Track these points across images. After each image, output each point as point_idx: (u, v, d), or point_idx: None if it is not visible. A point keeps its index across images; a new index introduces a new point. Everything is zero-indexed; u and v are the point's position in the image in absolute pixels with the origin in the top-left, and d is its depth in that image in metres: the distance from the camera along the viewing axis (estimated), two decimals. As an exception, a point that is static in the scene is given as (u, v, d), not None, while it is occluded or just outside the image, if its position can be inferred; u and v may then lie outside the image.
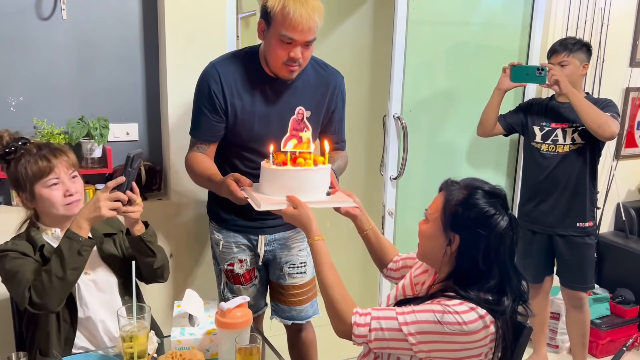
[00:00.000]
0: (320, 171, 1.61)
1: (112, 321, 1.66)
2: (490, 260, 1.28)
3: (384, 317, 1.28)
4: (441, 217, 1.32)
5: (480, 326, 1.23)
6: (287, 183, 1.57)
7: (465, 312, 1.23)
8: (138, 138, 2.34)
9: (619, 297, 3.08)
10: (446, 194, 1.33)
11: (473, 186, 1.32)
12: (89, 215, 1.53)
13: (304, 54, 1.73)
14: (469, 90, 2.87)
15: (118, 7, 2.21)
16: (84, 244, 1.51)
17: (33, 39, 2.11)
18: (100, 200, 1.52)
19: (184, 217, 2.34)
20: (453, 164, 2.94)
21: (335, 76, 1.95)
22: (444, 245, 1.31)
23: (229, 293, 2.04)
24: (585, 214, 2.53)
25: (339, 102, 1.97)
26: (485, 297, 1.27)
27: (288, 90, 1.84)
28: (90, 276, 1.66)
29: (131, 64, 2.28)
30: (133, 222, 1.62)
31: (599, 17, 2.96)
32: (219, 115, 1.82)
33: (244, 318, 1.43)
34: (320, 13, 1.70)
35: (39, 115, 2.12)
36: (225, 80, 1.80)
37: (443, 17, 2.75)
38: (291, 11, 1.65)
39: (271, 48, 1.74)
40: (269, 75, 1.82)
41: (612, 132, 2.33)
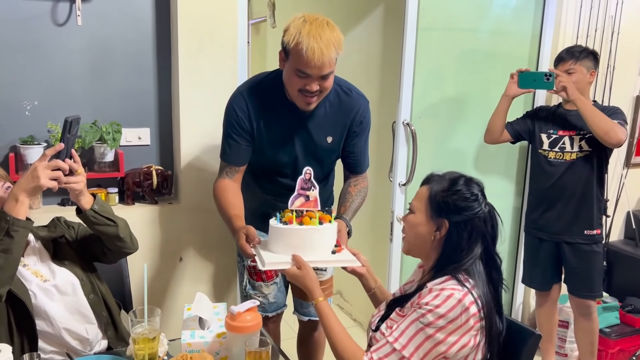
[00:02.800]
0: (325, 230, 1.63)
1: (80, 323, 1.62)
2: (474, 241, 1.38)
3: (385, 355, 1.33)
4: (428, 206, 1.41)
5: (459, 311, 1.28)
6: (292, 241, 1.60)
7: (442, 304, 1.29)
8: (150, 142, 2.37)
9: (629, 305, 3.06)
10: (431, 185, 1.44)
11: (455, 175, 1.45)
12: (27, 186, 1.39)
13: (321, 85, 1.75)
14: (478, 97, 2.88)
15: (131, 13, 2.25)
16: (13, 223, 1.37)
17: (48, 45, 2.14)
18: (38, 169, 1.38)
19: (194, 221, 2.37)
20: (462, 170, 2.85)
21: (359, 101, 1.94)
22: (432, 232, 1.41)
23: (251, 290, 2.08)
24: (593, 222, 2.52)
25: (359, 126, 1.96)
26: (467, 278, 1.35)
27: (310, 117, 1.87)
28: (50, 282, 1.60)
29: (144, 70, 2.31)
30: (78, 195, 1.52)
31: (610, 25, 2.96)
32: (246, 140, 1.88)
33: (253, 322, 1.44)
34: (337, 44, 1.70)
35: (53, 119, 2.15)
36: (251, 106, 1.85)
37: (453, 24, 2.76)
38: (304, 47, 1.65)
39: (289, 79, 1.77)
40: (291, 102, 1.84)
41: (619, 139, 2.32)
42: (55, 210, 2.17)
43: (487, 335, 1.33)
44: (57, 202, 2.25)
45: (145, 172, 2.29)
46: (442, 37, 2.75)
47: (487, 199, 1.43)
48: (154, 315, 1.45)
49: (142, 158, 2.35)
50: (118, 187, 2.30)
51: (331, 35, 1.69)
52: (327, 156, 1.98)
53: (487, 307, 1.33)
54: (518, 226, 3.13)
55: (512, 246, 3.18)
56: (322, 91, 1.77)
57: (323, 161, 1.96)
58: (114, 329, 1.71)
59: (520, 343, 1.40)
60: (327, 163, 2.01)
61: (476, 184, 1.43)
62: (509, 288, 3.24)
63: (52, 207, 2.22)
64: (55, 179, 1.42)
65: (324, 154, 1.95)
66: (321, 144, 1.92)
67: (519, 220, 3.11)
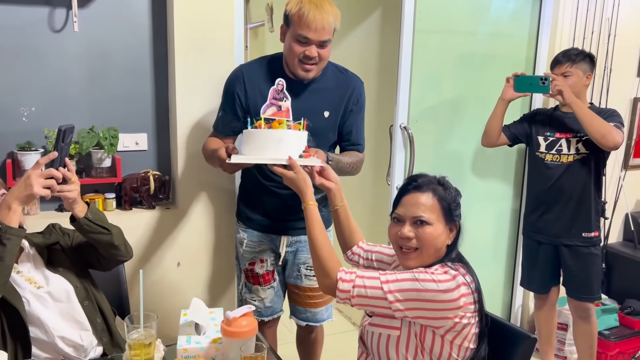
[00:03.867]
0: (292, 134, 1.66)
1: (74, 330, 1.62)
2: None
3: (368, 277, 1.37)
4: (442, 214, 1.42)
5: (452, 285, 1.31)
6: (261, 143, 1.65)
7: (439, 274, 1.33)
8: (147, 147, 2.37)
9: (628, 308, 3.05)
10: (434, 193, 1.43)
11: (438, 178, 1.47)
12: (20, 195, 1.39)
13: (320, 53, 1.86)
14: (476, 100, 2.88)
15: (128, 19, 2.25)
16: (5, 231, 1.37)
17: (45, 51, 2.15)
18: (31, 177, 1.38)
19: (191, 226, 2.37)
20: (459, 173, 2.95)
21: (354, 80, 2.06)
22: (448, 235, 1.43)
23: (247, 293, 2.13)
24: (591, 224, 2.53)
25: (356, 104, 2.05)
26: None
27: (307, 91, 1.96)
28: (44, 289, 1.60)
29: (141, 75, 2.32)
30: (72, 203, 1.52)
31: (606, 27, 2.97)
32: (235, 115, 1.98)
33: (249, 327, 1.44)
34: (335, 16, 1.85)
35: (51, 125, 2.16)
36: (248, 80, 1.96)
37: (449, 26, 2.77)
38: (306, 12, 1.80)
39: (289, 47, 1.88)
40: (290, 77, 1.93)
41: (616, 142, 2.33)
42: (52, 216, 2.17)
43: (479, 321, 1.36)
44: (54, 208, 2.25)
45: (143, 177, 2.29)
46: (439, 40, 2.75)
47: None
48: (150, 321, 1.45)
49: (139, 163, 2.35)
50: (115, 192, 2.30)
51: (330, 7, 1.85)
52: (324, 132, 2.01)
53: (477, 293, 1.37)
54: (516, 229, 3.13)
55: (510, 249, 3.18)
56: (320, 59, 1.88)
57: (319, 137, 1.97)
58: (109, 336, 1.71)
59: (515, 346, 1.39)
60: (323, 140, 2.01)
61: None
62: (508, 291, 3.24)
63: (50, 213, 2.22)
64: (49, 187, 1.42)
65: (321, 130, 1.98)
66: (318, 117, 1.98)
67: (517, 222, 3.11)
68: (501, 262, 3.19)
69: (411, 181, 1.46)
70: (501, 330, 1.44)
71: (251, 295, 2.12)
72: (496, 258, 3.17)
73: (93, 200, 2.22)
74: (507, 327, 1.46)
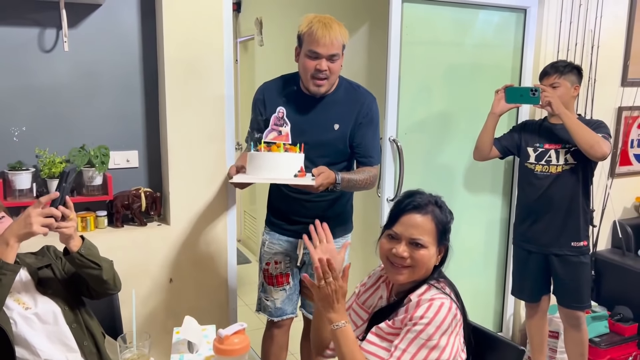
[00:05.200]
0: (288, 156, 1.87)
1: (61, 352, 1.61)
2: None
3: None
4: (436, 236, 1.44)
5: (450, 319, 1.34)
6: (261, 164, 1.86)
7: (437, 314, 1.33)
8: (138, 165, 2.38)
9: (618, 314, 3.08)
10: (433, 217, 1.44)
11: (436, 199, 1.48)
12: (19, 232, 1.43)
13: (330, 67, 2.01)
14: (464, 111, 2.92)
15: (118, 38, 2.27)
16: (2, 267, 1.40)
17: (35, 71, 2.16)
18: (31, 216, 1.42)
19: (183, 242, 2.38)
20: (449, 184, 2.98)
21: (365, 95, 2.17)
22: (436, 256, 1.45)
23: (263, 292, 2.27)
24: (580, 233, 2.56)
25: (366, 118, 2.15)
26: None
27: (319, 105, 2.11)
28: (32, 310, 1.60)
29: (131, 93, 2.33)
30: (67, 237, 1.54)
31: (589, 39, 3.02)
32: (260, 130, 2.10)
33: (241, 345, 1.45)
34: (343, 34, 2.02)
35: (41, 144, 2.17)
36: (268, 98, 2.14)
37: (436, 38, 2.81)
38: (315, 30, 1.98)
39: (302, 63, 2.05)
40: (305, 92, 2.10)
41: (604, 153, 2.37)
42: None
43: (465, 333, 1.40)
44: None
45: (134, 194, 2.30)
46: (427, 52, 2.79)
47: None
48: (143, 340, 1.46)
49: (130, 180, 2.36)
50: (107, 210, 2.31)
51: (338, 26, 2.01)
52: (334, 143, 2.12)
53: (461, 306, 1.40)
54: (506, 238, 3.16)
55: (501, 258, 3.20)
56: (331, 73, 2.02)
57: (330, 147, 2.12)
58: (98, 358, 1.71)
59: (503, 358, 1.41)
60: (334, 151, 2.13)
61: None
62: (499, 300, 3.27)
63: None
64: (47, 226, 1.45)
65: (330, 141, 2.11)
66: (329, 129, 2.11)
67: (507, 232, 3.14)
68: (492, 272, 3.21)
69: (410, 200, 1.46)
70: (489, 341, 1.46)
71: (265, 294, 2.25)
72: (487, 267, 3.19)
73: (85, 217, 2.23)
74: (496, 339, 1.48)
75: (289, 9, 4.04)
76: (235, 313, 2.56)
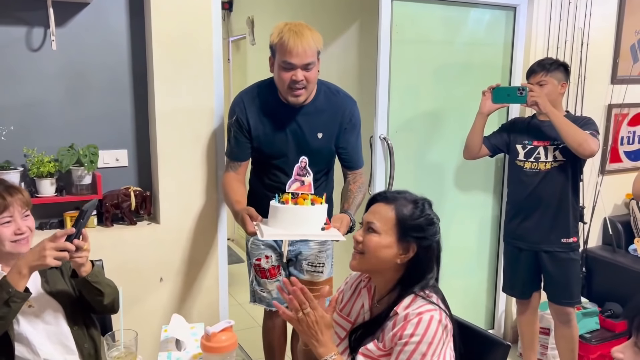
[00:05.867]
0: (316, 209, 1.83)
1: (60, 353, 1.62)
2: (434, 261, 1.42)
3: None
4: (397, 229, 1.39)
5: (441, 331, 1.30)
6: (287, 218, 1.81)
7: (428, 329, 1.29)
8: (128, 164, 2.38)
9: (608, 311, 3.10)
10: (396, 207, 1.40)
11: (417, 198, 1.44)
12: (32, 263, 1.46)
13: (306, 76, 1.97)
14: (455, 109, 2.93)
15: (106, 36, 2.27)
16: (13, 295, 1.44)
17: (23, 70, 2.15)
18: (46, 249, 1.46)
19: (173, 241, 2.37)
20: (440, 182, 2.98)
21: (345, 100, 2.16)
22: (398, 255, 1.39)
23: (257, 286, 2.26)
24: (569, 230, 2.57)
25: (350, 123, 2.15)
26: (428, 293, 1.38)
27: (300, 114, 2.08)
28: (35, 309, 1.61)
29: (120, 92, 2.33)
30: (79, 266, 1.58)
31: (579, 36, 3.04)
32: (245, 137, 2.11)
33: (228, 342, 1.46)
34: (316, 40, 1.97)
35: (29, 144, 2.16)
36: (248, 107, 2.09)
37: (426, 37, 2.82)
38: (286, 40, 1.92)
39: (277, 75, 2.00)
40: (284, 102, 2.07)
41: (592, 150, 2.38)
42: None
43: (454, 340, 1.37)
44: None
45: (124, 193, 2.30)
46: (417, 51, 2.80)
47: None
48: (130, 338, 1.46)
49: (120, 179, 2.36)
50: (96, 209, 2.30)
51: (310, 32, 1.96)
52: (319, 152, 2.13)
53: (450, 315, 1.36)
54: (497, 235, 3.17)
55: (492, 255, 3.21)
56: (308, 82, 1.98)
57: (315, 156, 2.08)
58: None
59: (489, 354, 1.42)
60: (319, 159, 2.14)
61: (432, 205, 1.45)
62: (491, 297, 3.28)
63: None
64: (61, 258, 1.48)
65: (316, 150, 2.11)
66: (312, 139, 2.10)
67: (498, 229, 3.15)
68: (483, 269, 3.22)
69: (383, 193, 1.47)
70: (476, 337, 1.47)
71: (260, 287, 2.25)
72: (479, 265, 3.20)
73: (74, 217, 2.22)
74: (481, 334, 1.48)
75: (281, 8, 4.04)
76: (226, 312, 2.56)
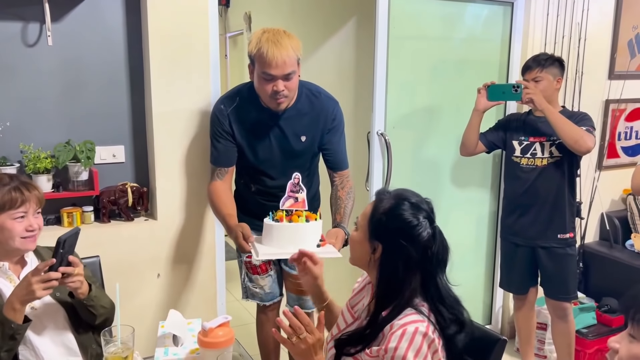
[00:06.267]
0: (311, 227, 1.84)
1: (63, 355, 1.62)
2: (411, 269, 1.29)
3: None
4: (368, 225, 1.35)
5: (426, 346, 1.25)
6: (283, 236, 1.82)
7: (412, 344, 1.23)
8: (124, 160, 2.37)
9: (605, 306, 3.11)
10: (375, 203, 1.36)
11: (401, 197, 1.34)
12: (23, 298, 1.49)
13: (286, 85, 1.94)
14: (452, 105, 2.92)
15: (102, 31, 2.26)
16: (16, 329, 1.48)
17: (19, 66, 2.14)
18: (32, 284, 1.47)
19: (171, 237, 2.37)
20: (437, 178, 2.99)
21: (327, 103, 2.13)
22: (369, 253, 1.35)
23: (249, 282, 2.28)
24: (566, 226, 2.57)
25: (333, 124, 2.14)
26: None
27: (283, 119, 2.07)
28: (37, 311, 1.62)
29: (116, 87, 2.32)
30: (74, 288, 1.58)
31: (576, 31, 3.03)
32: (230, 143, 2.10)
33: (225, 337, 1.46)
34: (295, 48, 1.92)
35: (26, 140, 2.15)
36: (231, 112, 2.07)
37: (424, 33, 2.81)
38: (265, 51, 1.89)
39: (258, 85, 1.99)
40: (266, 107, 2.04)
41: (588, 147, 2.38)
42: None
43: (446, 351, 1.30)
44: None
45: (121, 189, 2.29)
46: (414, 47, 2.80)
47: (434, 222, 1.34)
48: (127, 334, 1.46)
49: (117, 175, 2.35)
50: (93, 205, 2.30)
51: (289, 40, 1.92)
52: (303, 154, 2.15)
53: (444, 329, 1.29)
54: (495, 231, 3.17)
55: (489, 251, 3.22)
56: (289, 91, 1.96)
57: (300, 159, 2.14)
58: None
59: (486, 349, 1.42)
60: (304, 161, 2.17)
61: (424, 210, 1.33)
62: (489, 292, 3.29)
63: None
64: (50, 287, 1.50)
65: (300, 153, 2.13)
66: (296, 143, 2.11)
67: (496, 225, 3.16)
68: (481, 265, 3.23)
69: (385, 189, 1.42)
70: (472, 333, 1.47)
71: (252, 284, 2.26)
72: (476, 261, 3.21)
73: (71, 213, 2.22)
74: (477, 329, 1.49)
75: (278, 3, 4.03)
76: (224, 308, 2.56)
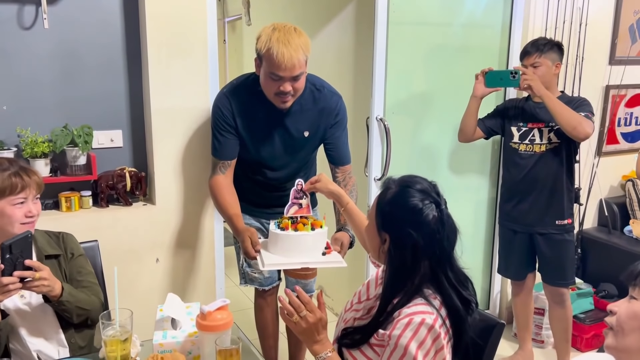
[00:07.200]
0: (316, 235, 1.83)
1: (52, 345, 1.63)
2: (420, 257, 1.26)
3: None
4: (377, 216, 1.32)
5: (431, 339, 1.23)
6: (288, 245, 1.82)
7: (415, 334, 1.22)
8: (122, 144, 2.36)
9: (603, 291, 3.12)
10: (381, 194, 1.34)
11: (404, 184, 1.31)
12: None
13: (294, 86, 1.92)
14: (451, 91, 2.91)
15: (99, 15, 2.23)
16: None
17: (15, 49, 2.12)
18: None
19: (169, 222, 2.37)
20: (436, 164, 2.98)
21: (331, 97, 2.11)
22: (380, 244, 1.31)
23: (247, 267, 2.28)
24: (564, 212, 2.57)
25: (336, 119, 2.13)
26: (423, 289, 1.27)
27: (286, 114, 2.05)
28: (26, 300, 1.61)
29: (114, 71, 2.30)
30: (41, 292, 1.53)
31: (577, 16, 3.01)
32: (233, 135, 2.07)
33: (224, 320, 1.46)
34: (305, 47, 1.89)
35: (23, 124, 2.14)
36: (234, 105, 2.05)
37: (424, 18, 2.79)
38: (275, 52, 1.84)
39: (264, 82, 1.96)
40: (270, 102, 2.00)
41: (587, 133, 2.37)
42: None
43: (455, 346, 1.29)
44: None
45: (119, 174, 2.29)
46: (414, 32, 2.77)
47: (441, 207, 1.30)
48: (125, 317, 1.46)
49: (115, 160, 2.34)
50: (91, 190, 2.29)
51: (299, 39, 1.87)
52: (305, 149, 2.16)
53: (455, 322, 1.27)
54: (493, 217, 3.18)
55: (488, 237, 3.22)
56: (295, 91, 1.95)
57: (301, 153, 2.15)
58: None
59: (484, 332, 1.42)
60: (305, 155, 2.19)
61: (429, 194, 1.29)
62: (487, 278, 3.30)
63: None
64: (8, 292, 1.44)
65: (302, 147, 2.14)
66: (299, 138, 2.10)
67: (494, 211, 3.16)
68: (479, 251, 3.24)
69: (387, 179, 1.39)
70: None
71: (251, 269, 2.26)
72: (474, 247, 3.21)
73: (69, 198, 2.21)
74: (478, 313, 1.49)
75: (277, -13, 3.99)
76: (223, 293, 2.57)
